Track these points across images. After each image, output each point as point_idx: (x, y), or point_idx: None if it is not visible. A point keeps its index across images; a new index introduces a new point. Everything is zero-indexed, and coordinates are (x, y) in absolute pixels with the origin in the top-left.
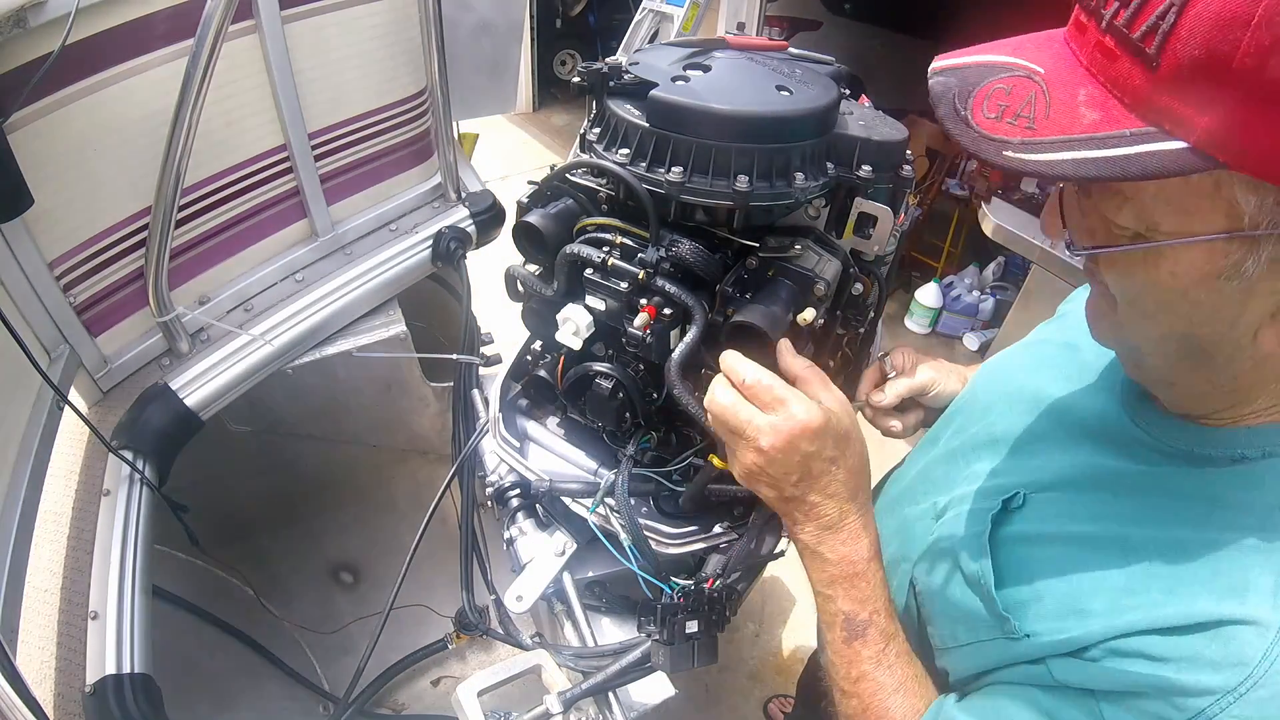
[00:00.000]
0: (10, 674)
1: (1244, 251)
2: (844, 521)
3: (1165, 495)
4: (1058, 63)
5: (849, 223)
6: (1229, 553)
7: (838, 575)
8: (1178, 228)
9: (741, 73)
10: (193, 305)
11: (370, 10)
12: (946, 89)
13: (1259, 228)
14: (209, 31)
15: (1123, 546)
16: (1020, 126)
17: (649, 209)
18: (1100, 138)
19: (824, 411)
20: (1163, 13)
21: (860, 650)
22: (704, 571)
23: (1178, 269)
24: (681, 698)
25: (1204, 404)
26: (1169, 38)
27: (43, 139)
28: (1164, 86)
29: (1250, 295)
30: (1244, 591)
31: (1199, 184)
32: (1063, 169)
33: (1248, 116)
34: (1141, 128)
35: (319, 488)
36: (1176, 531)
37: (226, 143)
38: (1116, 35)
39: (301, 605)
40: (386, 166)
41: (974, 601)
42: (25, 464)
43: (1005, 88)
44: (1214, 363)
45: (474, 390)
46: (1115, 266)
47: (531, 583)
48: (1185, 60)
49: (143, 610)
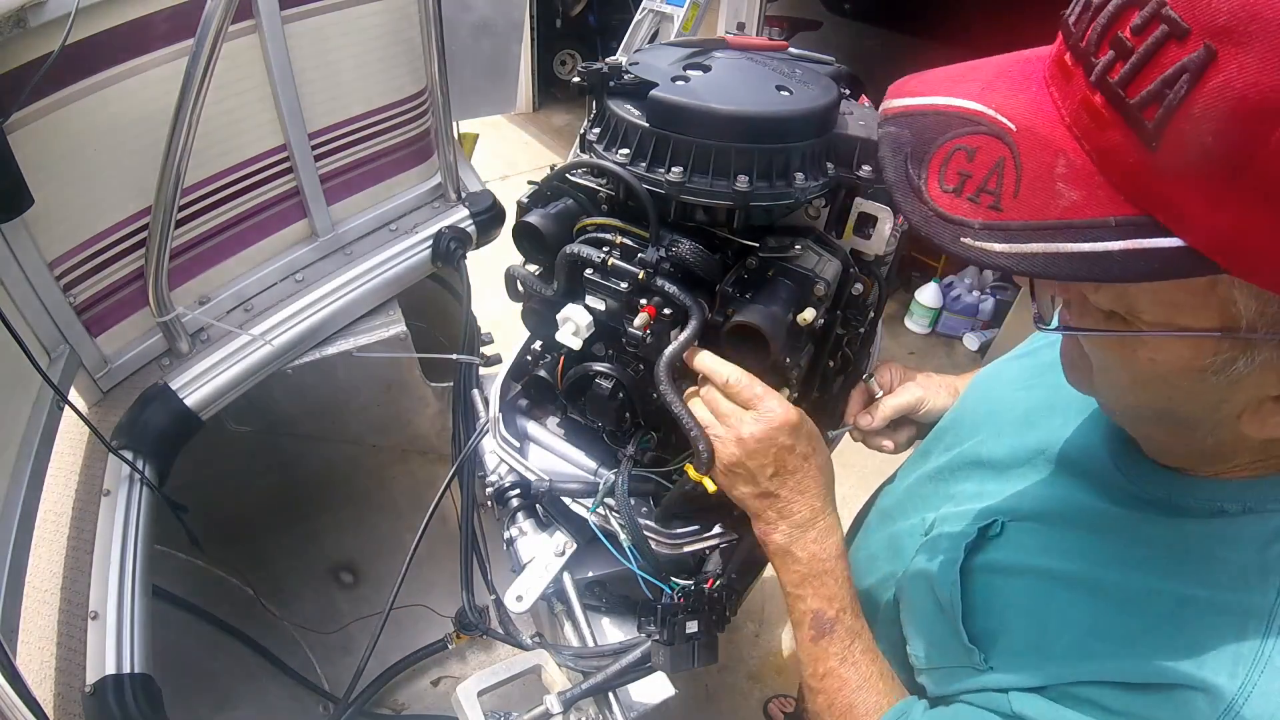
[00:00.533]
0: (10, 674)
1: (1234, 351)
2: (815, 520)
3: (1141, 542)
4: (1034, 115)
5: (849, 223)
6: (1196, 610)
7: (807, 574)
8: (1162, 319)
9: (741, 73)
10: (193, 305)
11: (370, 10)
12: (898, 146)
13: (1256, 331)
14: (209, 31)
15: (1092, 589)
16: (984, 205)
17: (649, 209)
18: (1079, 226)
19: (798, 411)
20: (1171, 79)
21: (827, 647)
22: (704, 571)
23: (1158, 357)
24: (681, 698)
25: (1184, 460)
26: (1176, 113)
27: (43, 139)
28: (1164, 172)
29: (1235, 387)
30: (1203, 654)
31: (1192, 281)
32: (1032, 264)
33: (1263, 223)
34: (1131, 215)
35: (319, 488)
36: (1148, 580)
37: (226, 143)
38: (1109, 95)
39: (301, 605)
40: (386, 166)
41: (945, 627)
42: (25, 464)
43: (968, 149)
44: (1194, 433)
45: (474, 390)
46: (1092, 341)
47: (531, 583)
48: (1194, 145)
49: (143, 610)
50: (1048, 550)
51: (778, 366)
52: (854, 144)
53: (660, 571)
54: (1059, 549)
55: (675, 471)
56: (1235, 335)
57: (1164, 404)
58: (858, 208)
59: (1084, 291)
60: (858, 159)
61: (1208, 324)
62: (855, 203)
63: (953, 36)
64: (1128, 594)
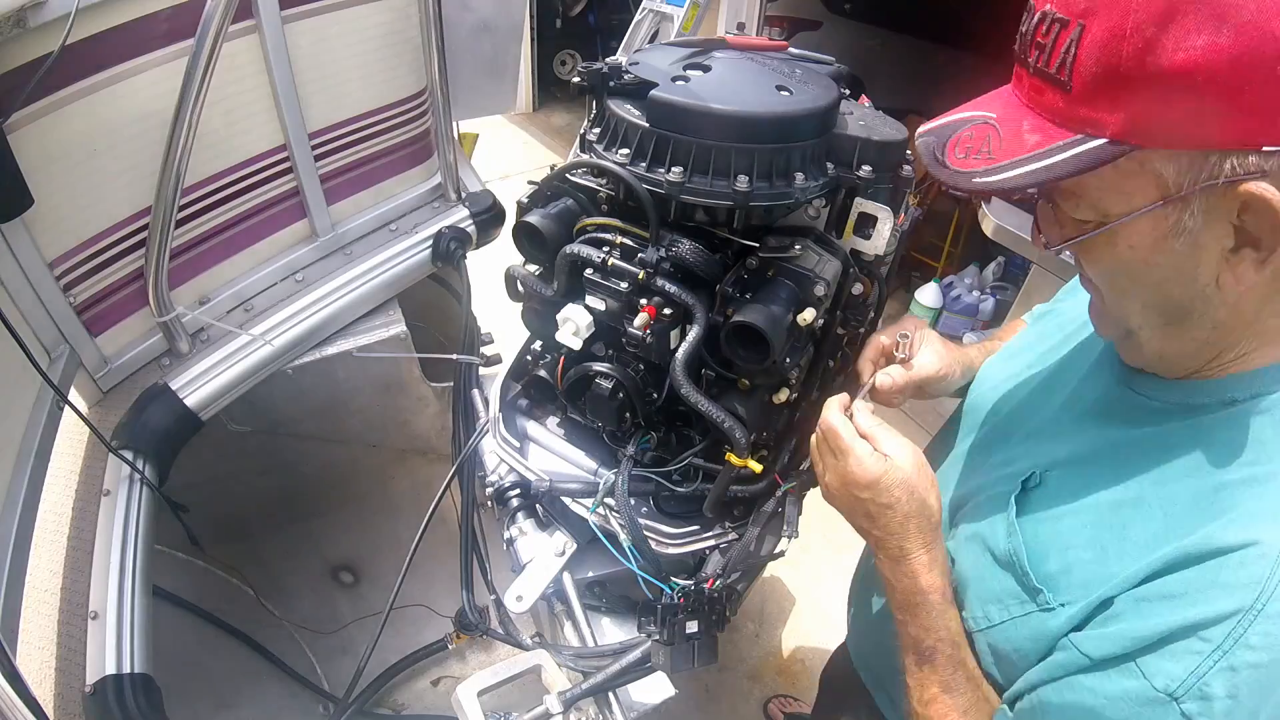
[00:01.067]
0: (10, 674)
1: (1179, 212)
2: (905, 557)
3: (1170, 450)
4: (1006, 108)
5: (849, 223)
6: (1229, 488)
7: (903, 602)
8: (1123, 208)
9: (741, 73)
10: (193, 305)
11: (370, 10)
12: (928, 146)
13: (1182, 189)
14: (209, 31)
15: (1138, 504)
16: (983, 159)
17: (649, 209)
18: (1041, 153)
19: (881, 467)
20: (1067, 48)
21: (930, 674)
22: (704, 571)
23: (1133, 241)
24: (681, 698)
25: (1194, 360)
26: (1074, 65)
27: (43, 139)
28: (1079, 101)
29: (1198, 247)
30: (1245, 519)
31: (1126, 167)
32: (1016, 181)
33: (1142, 104)
34: (1070, 137)
35: (319, 488)
36: (1185, 481)
37: (226, 143)
38: (1041, 74)
39: (301, 605)
40: (386, 166)
41: (1006, 580)
42: (25, 464)
43: (970, 134)
44: (1193, 318)
45: (474, 390)
46: (1088, 255)
47: (531, 583)
48: (1088, 77)
49: (143, 610)
50: (1089, 487)
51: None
52: (854, 144)
53: (660, 571)
54: (1099, 483)
55: (676, 471)
56: (1171, 197)
57: (1161, 292)
58: (858, 208)
59: (1070, 213)
60: (858, 159)
61: (1151, 198)
62: (855, 203)
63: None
64: (1172, 497)
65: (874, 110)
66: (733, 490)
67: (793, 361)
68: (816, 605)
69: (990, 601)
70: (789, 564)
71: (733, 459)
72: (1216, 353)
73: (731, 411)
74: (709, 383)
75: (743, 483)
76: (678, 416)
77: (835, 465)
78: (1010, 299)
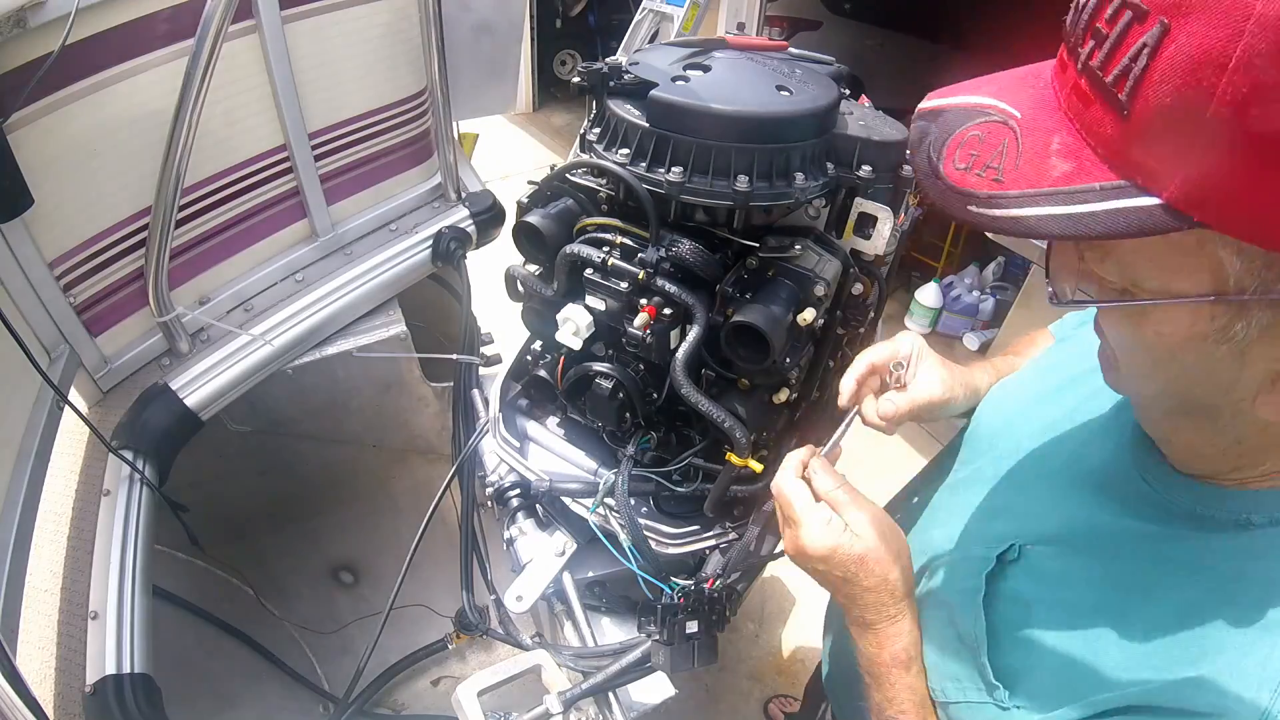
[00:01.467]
0: (10, 674)
1: (1231, 315)
2: (869, 627)
3: (1166, 563)
4: (1036, 106)
5: (849, 223)
6: (1219, 632)
7: (867, 669)
8: (1160, 286)
9: (741, 73)
10: (193, 305)
11: (370, 10)
12: (924, 135)
13: (1245, 292)
14: (209, 31)
15: (1118, 619)
16: (988, 179)
17: (649, 209)
18: (1068, 192)
19: (833, 541)
20: (1135, 54)
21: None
22: (704, 571)
23: (1163, 329)
24: (681, 698)
25: (1210, 464)
26: (1140, 83)
27: (43, 139)
28: (1135, 136)
29: (1243, 362)
30: (1236, 674)
31: (1181, 241)
32: (1027, 225)
33: (1225, 172)
34: (1113, 181)
35: (319, 488)
36: (1175, 604)
37: (226, 143)
38: (1091, 78)
39: (301, 605)
40: (386, 166)
41: (965, 663)
42: (25, 464)
43: (980, 135)
44: (1216, 424)
45: (474, 390)
46: (1106, 319)
47: (531, 583)
48: (1156, 108)
49: (143, 610)
50: (1069, 579)
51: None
52: (854, 144)
53: (660, 571)
54: (1082, 577)
55: (676, 471)
56: (1226, 298)
57: (1182, 386)
58: (858, 208)
59: (1092, 266)
60: (858, 159)
61: (1201, 288)
62: (855, 203)
63: (953, 37)
64: (1155, 621)
65: (874, 110)
66: (733, 490)
67: (793, 361)
68: (816, 605)
69: (949, 679)
70: (789, 564)
71: (733, 459)
72: (1235, 465)
73: (732, 411)
74: (709, 383)
75: (743, 482)
76: (678, 416)
77: (789, 534)
78: (1010, 299)
